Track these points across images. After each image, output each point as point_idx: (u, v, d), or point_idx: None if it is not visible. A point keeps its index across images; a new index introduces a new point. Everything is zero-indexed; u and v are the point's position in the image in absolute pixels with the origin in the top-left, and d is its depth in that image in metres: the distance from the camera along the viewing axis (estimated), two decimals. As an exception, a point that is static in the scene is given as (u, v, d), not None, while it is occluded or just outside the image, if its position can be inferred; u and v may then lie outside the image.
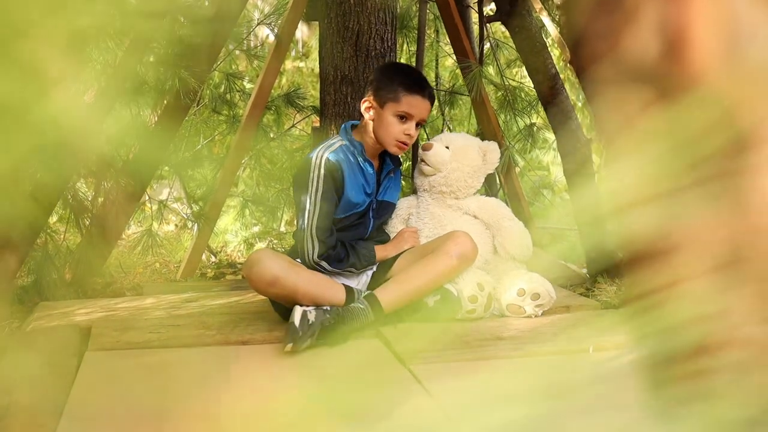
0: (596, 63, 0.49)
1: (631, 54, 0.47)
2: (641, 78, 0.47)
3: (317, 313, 2.03)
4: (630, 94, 0.47)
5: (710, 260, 0.46)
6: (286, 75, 5.44)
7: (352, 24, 2.86)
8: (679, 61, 0.45)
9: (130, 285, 3.06)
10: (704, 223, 0.46)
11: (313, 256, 2.23)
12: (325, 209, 2.23)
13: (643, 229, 0.48)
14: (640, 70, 0.46)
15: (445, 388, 1.73)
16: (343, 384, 1.80)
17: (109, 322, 2.29)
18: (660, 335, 0.48)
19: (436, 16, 3.92)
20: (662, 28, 0.45)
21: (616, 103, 0.48)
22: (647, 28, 0.46)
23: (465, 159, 2.50)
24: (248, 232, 3.95)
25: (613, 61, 0.47)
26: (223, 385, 1.77)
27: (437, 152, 2.48)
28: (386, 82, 2.29)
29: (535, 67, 2.98)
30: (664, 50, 0.46)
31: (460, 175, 2.49)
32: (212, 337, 2.12)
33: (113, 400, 1.67)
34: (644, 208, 0.48)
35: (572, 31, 0.51)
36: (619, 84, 0.48)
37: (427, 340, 2.09)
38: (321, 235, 2.23)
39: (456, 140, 2.54)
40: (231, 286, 2.96)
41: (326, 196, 2.23)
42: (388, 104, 2.28)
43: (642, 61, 0.46)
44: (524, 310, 2.30)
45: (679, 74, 0.45)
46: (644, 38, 0.46)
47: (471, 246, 2.25)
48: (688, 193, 0.46)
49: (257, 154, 3.58)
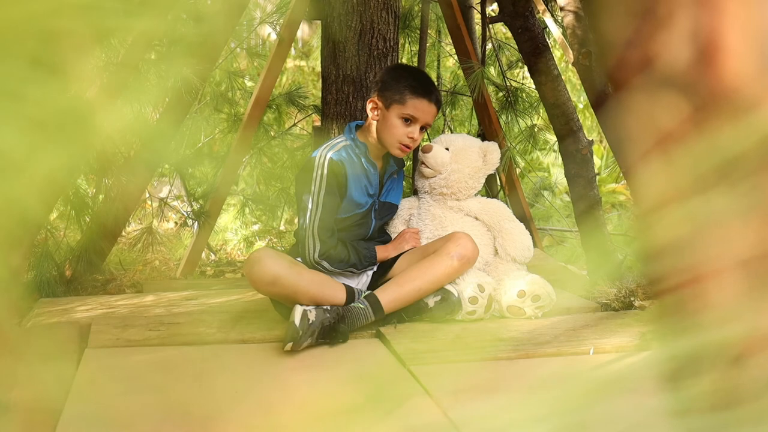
0: (626, 70, 0.48)
1: (662, 61, 0.46)
2: (673, 86, 0.46)
3: (317, 313, 2.03)
4: (661, 102, 0.47)
5: (738, 264, 0.46)
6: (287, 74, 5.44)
7: (354, 23, 2.85)
8: (711, 69, 0.45)
9: (129, 282, 3.06)
10: (734, 229, 0.45)
11: (314, 255, 2.23)
12: (327, 208, 2.22)
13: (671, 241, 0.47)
14: (672, 77, 0.46)
15: (445, 388, 1.73)
16: (342, 384, 1.80)
17: (108, 319, 2.29)
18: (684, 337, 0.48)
19: (438, 16, 3.92)
20: (695, 35, 0.45)
21: (647, 110, 0.48)
22: (679, 35, 0.45)
23: (465, 160, 2.49)
24: (248, 230, 3.95)
25: (644, 68, 0.47)
26: (222, 383, 1.77)
27: (437, 154, 2.47)
28: (393, 84, 2.27)
29: (537, 68, 2.98)
30: (696, 58, 0.45)
31: (460, 176, 2.48)
32: (212, 336, 2.12)
33: (113, 398, 1.67)
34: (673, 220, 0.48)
35: (601, 37, 0.50)
36: (649, 92, 0.47)
37: (427, 340, 2.09)
38: (322, 235, 2.22)
39: (456, 141, 2.53)
40: (230, 284, 2.96)
41: (329, 196, 2.22)
42: (394, 106, 2.26)
43: (674, 68, 0.46)
44: (524, 311, 2.30)
45: (711, 82, 0.45)
46: (676, 45, 0.45)
47: (472, 247, 2.25)
48: (718, 200, 0.46)
49: (258, 153, 3.58)
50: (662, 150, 0.47)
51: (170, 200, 3.62)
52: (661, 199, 0.48)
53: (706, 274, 0.46)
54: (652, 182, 0.48)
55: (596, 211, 2.97)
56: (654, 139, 0.47)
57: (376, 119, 2.30)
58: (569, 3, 2.66)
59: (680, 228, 0.47)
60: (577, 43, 2.63)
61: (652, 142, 0.47)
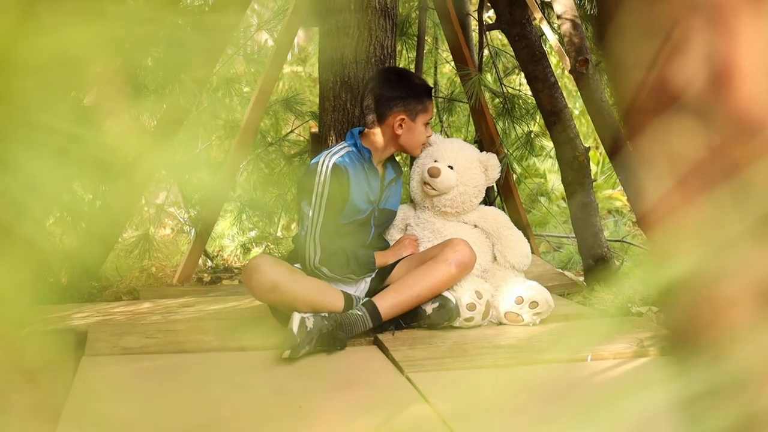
0: (640, 94, 0.48)
1: (676, 84, 0.46)
2: (686, 110, 0.46)
3: (315, 320, 2.03)
4: (674, 126, 0.47)
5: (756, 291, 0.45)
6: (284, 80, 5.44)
7: (351, 30, 2.86)
8: (726, 93, 0.44)
9: (126, 289, 3.05)
10: (751, 256, 0.45)
11: (314, 261, 2.23)
12: (328, 215, 2.23)
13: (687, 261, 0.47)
14: (686, 101, 0.46)
15: (443, 395, 1.73)
16: (340, 391, 1.80)
17: (105, 326, 2.28)
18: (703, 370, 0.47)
19: (435, 23, 3.92)
20: (710, 57, 0.45)
21: (659, 135, 0.47)
22: (694, 58, 0.45)
23: (471, 180, 2.48)
24: (245, 236, 3.94)
25: (657, 91, 0.47)
26: (220, 391, 1.76)
27: (445, 179, 2.44)
28: (413, 95, 2.37)
29: (534, 75, 2.99)
30: (710, 81, 0.45)
31: (466, 197, 2.48)
32: (210, 343, 2.11)
33: (110, 406, 1.66)
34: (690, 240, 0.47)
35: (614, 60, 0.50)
36: (662, 115, 0.47)
37: (425, 347, 2.09)
38: (324, 241, 2.22)
39: (458, 158, 2.48)
40: (228, 291, 2.96)
41: (331, 202, 2.22)
42: (420, 116, 2.38)
43: (687, 91, 0.46)
44: (522, 318, 2.30)
45: (726, 106, 0.45)
46: (690, 68, 0.45)
47: (469, 254, 2.25)
48: (734, 226, 0.45)
49: (255, 159, 3.58)
50: (675, 174, 0.47)
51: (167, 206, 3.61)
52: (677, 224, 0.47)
53: (724, 302, 0.46)
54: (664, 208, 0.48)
55: (593, 217, 2.97)
56: (667, 162, 0.47)
57: (401, 132, 2.34)
58: (566, 11, 2.67)
59: (697, 255, 0.46)
60: (574, 51, 2.64)
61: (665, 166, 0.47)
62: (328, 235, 2.24)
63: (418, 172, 2.54)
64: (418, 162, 2.56)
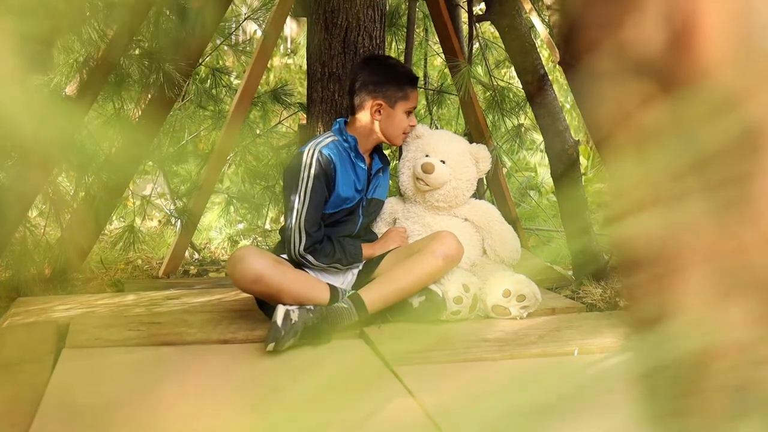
0: (592, 54, 0.44)
1: (632, 44, 0.42)
2: (643, 71, 0.43)
3: (300, 313, 2.01)
4: (629, 88, 0.43)
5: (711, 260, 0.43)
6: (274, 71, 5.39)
7: (340, 21, 2.83)
8: (685, 53, 0.41)
9: (110, 281, 3.01)
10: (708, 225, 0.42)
11: (299, 249, 2.21)
12: (314, 202, 2.21)
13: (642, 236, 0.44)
14: (642, 62, 0.42)
15: (429, 389, 1.71)
16: (325, 385, 1.78)
17: (88, 318, 2.25)
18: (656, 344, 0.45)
19: (425, 14, 3.89)
20: (668, 15, 0.41)
21: (614, 98, 0.44)
22: (651, 16, 0.42)
23: (463, 174, 2.47)
24: (233, 229, 3.91)
25: (612, 52, 0.43)
26: (202, 385, 1.74)
27: (439, 175, 2.42)
28: (391, 82, 2.33)
29: (523, 68, 2.97)
30: (669, 40, 0.41)
31: (459, 191, 2.47)
32: (193, 336, 2.08)
33: (89, 399, 1.64)
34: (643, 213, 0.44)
35: (566, 18, 0.47)
36: (617, 77, 0.44)
37: (411, 341, 2.07)
38: (309, 228, 2.20)
39: (450, 151, 2.46)
40: (214, 283, 2.93)
41: (316, 190, 2.21)
42: (399, 103, 2.34)
43: (644, 52, 0.42)
44: (509, 311, 2.28)
45: (685, 67, 0.41)
46: (647, 27, 0.42)
47: (456, 246, 2.23)
48: (692, 198, 0.42)
49: (243, 151, 3.54)
50: (633, 141, 0.44)
51: (153, 198, 3.57)
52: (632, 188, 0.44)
53: (675, 268, 0.43)
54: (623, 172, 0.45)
55: (582, 211, 2.95)
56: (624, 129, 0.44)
57: (379, 119, 2.31)
58: (556, 2, 2.65)
59: (651, 220, 0.44)
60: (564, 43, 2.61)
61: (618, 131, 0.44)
62: (315, 224, 2.22)
63: (409, 166, 2.51)
64: (407, 155, 2.53)
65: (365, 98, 2.32)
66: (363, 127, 2.34)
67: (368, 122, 2.33)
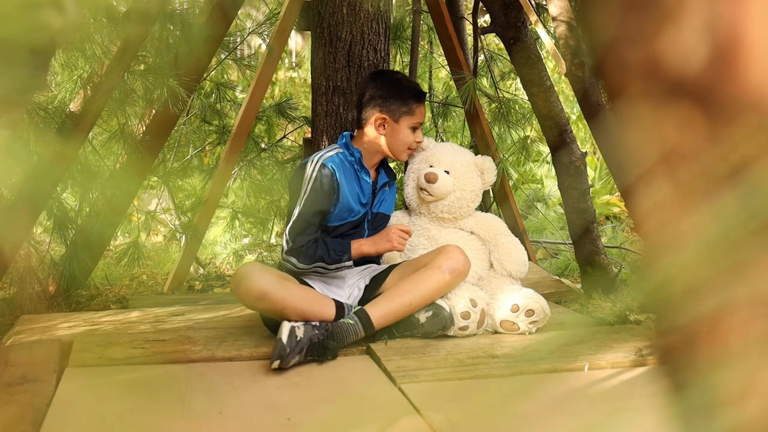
0: (625, 73, 0.40)
1: (670, 62, 0.38)
2: (683, 93, 0.38)
3: (306, 329, 1.98)
4: (668, 112, 0.38)
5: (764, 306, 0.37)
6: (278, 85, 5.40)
7: (344, 34, 2.82)
8: (731, 71, 0.36)
9: (115, 298, 2.99)
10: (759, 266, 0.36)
11: (282, 253, 2.23)
12: (307, 213, 2.20)
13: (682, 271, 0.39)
14: (681, 82, 0.38)
15: (436, 406, 1.68)
16: (330, 403, 1.75)
17: (91, 336, 2.23)
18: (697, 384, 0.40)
19: (429, 27, 3.89)
20: (711, 30, 0.37)
21: (650, 123, 0.39)
22: (691, 30, 0.37)
23: (467, 184, 2.45)
24: (238, 243, 3.89)
25: (647, 71, 0.39)
26: (207, 404, 1.71)
27: (442, 184, 2.41)
28: (395, 96, 2.31)
29: (529, 80, 2.95)
30: (712, 58, 0.37)
31: (463, 202, 2.45)
32: (197, 353, 2.06)
33: (91, 419, 1.61)
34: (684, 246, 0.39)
35: (594, 33, 0.41)
36: (654, 100, 0.39)
37: (418, 357, 2.03)
38: (294, 236, 2.20)
39: (454, 162, 2.45)
40: (219, 299, 2.90)
41: (311, 201, 2.21)
42: (403, 118, 2.31)
43: (684, 71, 0.37)
44: (518, 326, 2.25)
45: (731, 88, 0.36)
46: (687, 42, 0.37)
47: (463, 260, 2.21)
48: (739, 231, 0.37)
49: (248, 165, 3.53)
50: (670, 171, 0.38)
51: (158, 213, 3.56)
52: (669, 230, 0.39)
53: (725, 319, 0.38)
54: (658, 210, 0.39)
55: (590, 223, 2.92)
56: (660, 157, 0.38)
57: (384, 133, 2.30)
58: (561, 13, 2.63)
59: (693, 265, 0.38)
60: (570, 54, 2.60)
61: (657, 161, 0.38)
62: (300, 233, 2.19)
63: (413, 177, 2.50)
64: (412, 167, 2.52)
65: (370, 112, 2.31)
66: (368, 141, 2.33)
67: (373, 136, 2.32)
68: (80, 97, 2.63)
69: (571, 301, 2.78)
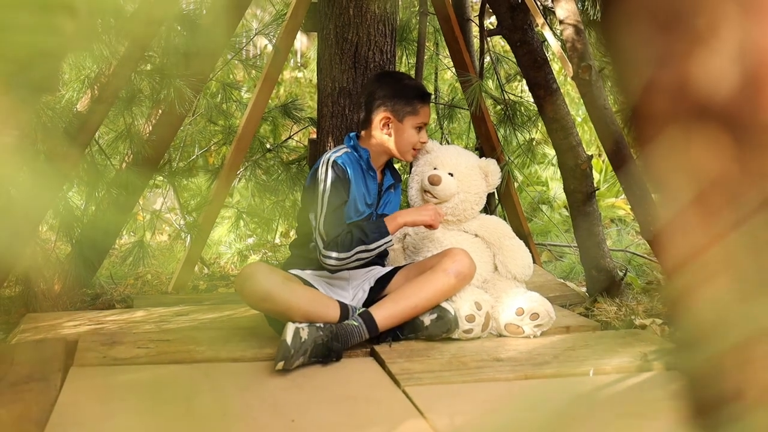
0: (654, 97, 0.38)
1: (697, 84, 0.37)
2: (712, 117, 0.37)
3: (310, 330, 1.98)
4: (695, 136, 0.37)
5: None
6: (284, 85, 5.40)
7: (351, 36, 2.82)
8: (761, 98, 0.35)
9: (120, 297, 3.00)
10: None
11: (321, 252, 2.16)
12: (332, 207, 2.19)
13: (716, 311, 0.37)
14: (712, 106, 0.36)
15: (440, 410, 1.68)
16: (334, 405, 1.74)
17: (96, 335, 2.23)
18: None
19: (436, 29, 3.88)
20: (743, 53, 0.35)
21: (676, 147, 0.38)
22: (721, 51, 0.36)
23: (471, 187, 2.45)
24: (242, 244, 3.89)
25: (675, 93, 0.37)
26: (211, 404, 1.71)
27: (446, 187, 2.41)
28: (400, 96, 2.31)
29: (535, 82, 2.94)
30: (743, 82, 0.36)
31: (467, 205, 2.45)
32: (202, 354, 2.06)
33: (96, 419, 1.61)
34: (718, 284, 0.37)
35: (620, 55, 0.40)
36: (682, 124, 0.37)
37: (422, 360, 2.03)
38: (327, 231, 2.16)
39: (458, 165, 2.45)
40: (223, 299, 2.91)
41: (332, 195, 2.19)
42: (408, 118, 2.32)
43: (714, 95, 0.36)
44: (523, 330, 2.24)
45: (763, 112, 0.35)
46: (717, 63, 0.36)
47: (469, 263, 2.20)
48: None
49: (253, 165, 3.53)
50: (699, 198, 0.37)
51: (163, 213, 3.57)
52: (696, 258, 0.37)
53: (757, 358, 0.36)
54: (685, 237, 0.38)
55: (595, 226, 2.92)
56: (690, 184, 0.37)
57: (389, 133, 2.31)
58: (568, 16, 2.63)
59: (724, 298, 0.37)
60: (577, 57, 2.59)
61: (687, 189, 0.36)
62: (334, 225, 2.17)
63: (417, 180, 2.50)
64: (416, 170, 2.52)
65: (375, 112, 2.32)
66: (374, 142, 2.34)
67: (378, 136, 2.33)
68: (87, 97, 2.64)
69: (576, 304, 2.77)
